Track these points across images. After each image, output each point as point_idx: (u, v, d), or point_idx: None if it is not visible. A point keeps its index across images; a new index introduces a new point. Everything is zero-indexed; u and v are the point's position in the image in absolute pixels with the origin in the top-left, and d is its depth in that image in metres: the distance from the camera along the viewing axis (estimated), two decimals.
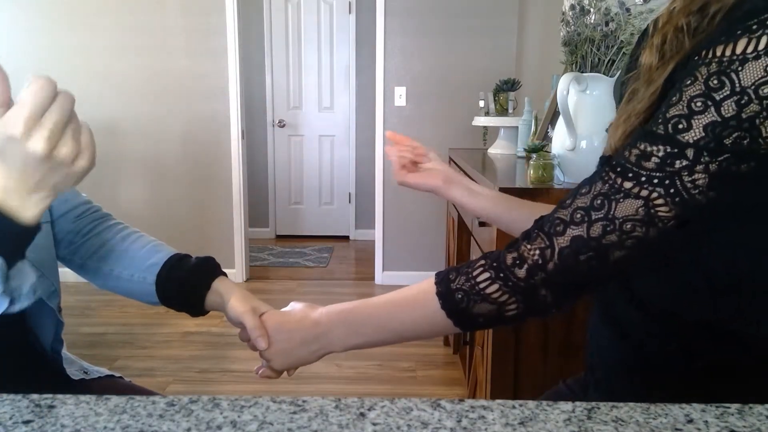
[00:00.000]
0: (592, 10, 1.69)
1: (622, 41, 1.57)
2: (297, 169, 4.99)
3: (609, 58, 1.61)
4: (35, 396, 0.52)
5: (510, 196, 0.94)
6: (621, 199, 0.57)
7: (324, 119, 4.93)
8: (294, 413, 0.49)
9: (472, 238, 1.91)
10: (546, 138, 2.02)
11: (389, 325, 0.70)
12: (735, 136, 0.53)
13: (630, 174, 0.57)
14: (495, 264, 0.61)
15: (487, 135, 3.30)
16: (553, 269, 0.59)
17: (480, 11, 3.50)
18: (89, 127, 0.56)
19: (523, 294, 0.61)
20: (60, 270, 0.89)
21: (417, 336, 0.70)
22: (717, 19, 0.58)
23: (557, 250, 0.59)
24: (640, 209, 0.56)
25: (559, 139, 1.49)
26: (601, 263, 0.58)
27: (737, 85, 0.52)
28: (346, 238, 5.05)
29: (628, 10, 1.61)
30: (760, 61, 0.51)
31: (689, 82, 0.55)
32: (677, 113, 0.55)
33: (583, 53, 1.73)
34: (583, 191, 0.60)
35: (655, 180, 0.55)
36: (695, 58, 0.56)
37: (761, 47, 0.51)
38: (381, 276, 3.74)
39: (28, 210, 0.55)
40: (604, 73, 1.57)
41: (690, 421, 0.48)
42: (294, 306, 0.77)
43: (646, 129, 0.58)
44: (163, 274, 0.87)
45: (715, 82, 0.53)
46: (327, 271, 4.08)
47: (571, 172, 1.39)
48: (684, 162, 0.54)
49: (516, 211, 0.91)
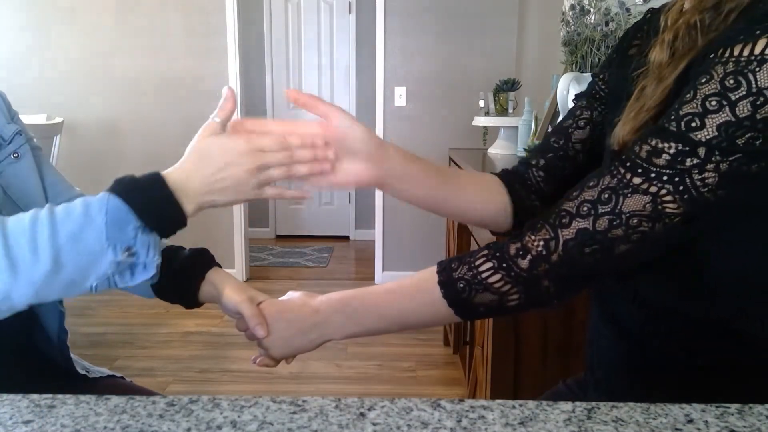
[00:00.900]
0: (592, 10, 1.69)
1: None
2: None
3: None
4: (35, 396, 0.52)
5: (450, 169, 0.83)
6: (629, 194, 0.57)
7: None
8: (294, 413, 0.49)
9: (472, 237, 1.91)
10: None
11: (390, 314, 0.69)
12: (748, 136, 0.53)
13: (639, 170, 0.56)
14: (498, 254, 0.61)
15: (487, 135, 3.30)
16: (557, 261, 0.59)
17: (480, 11, 3.50)
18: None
19: (526, 285, 0.60)
20: None
21: (418, 325, 0.70)
22: (731, 18, 0.58)
23: (562, 242, 0.59)
24: (647, 205, 0.56)
25: None
26: (606, 256, 0.58)
27: (754, 86, 0.52)
28: (346, 238, 5.04)
29: (628, 10, 1.61)
30: None
31: (704, 80, 0.55)
32: (691, 111, 0.55)
33: (583, 53, 1.72)
34: (591, 184, 0.59)
35: (665, 177, 0.55)
36: (711, 55, 0.55)
37: None
38: (381, 276, 3.74)
39: (191, 205, 0.64)
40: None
41: (690, 421, 0.48)
42: (292, 295, 0.77)
43: (658, 125, 0.57)
44: None
45: (732, 81, 0.53)
46: (327, 271, 4.07)
47: None
48: (695, 160, 0.54)
49: (462, 193, 0.80)
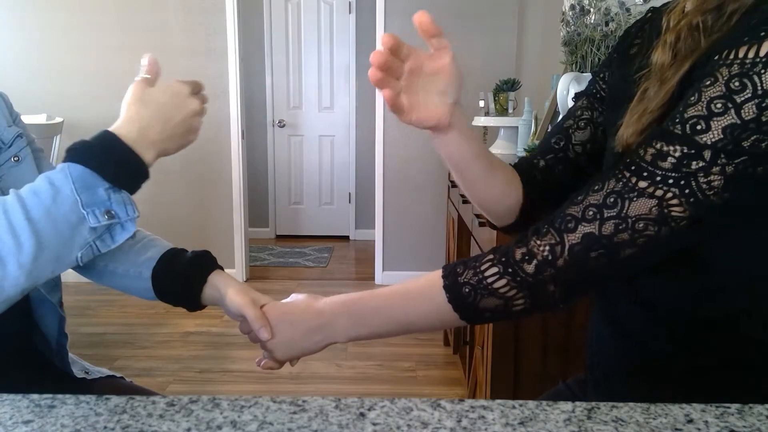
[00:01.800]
0: (592, 10, 1.69)
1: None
2: (297, 169, 5.00)
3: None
4: (35, 396, 0.52)
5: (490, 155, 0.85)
6: (634, 198, 0.56)
7: (324, 119, 4.93)
8: (294, 413, 0.49)
9: (472, 238, 1.91)
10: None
11: (395, 317, 0.69)
12: (753, 138, 0.52)
13: (645, 173, 0.56)
14: (503, 259, 0.61)
15: (487, 135, 3.30)
16: (563, 265, 0.59)
17: (480, 11, 3.50)
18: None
19: (531, 290, 0.60)
20: None
21: (423, 328, 0.69)
22: (734, 19, 0.58)
23: (567, 246, 0.58)
24: (653, 209, 0.56)
25: None
26: (612, 261, 0.58)
27: (759, 88, 0.52)
28: (346, 238, 5.05)
29: (628, 10, 1.61)
30: None
31: (709, 82, 0.55)
32: (696, 114, 0.55)
33: (583, 53, 1.72)
34: (596, 188, 0.59)
35: (671, 180, 0.55)
36: (715, 57, 0.55)
37: None
38: (381, 276, 3.74)
39: (150, 155, 0.67)
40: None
41: (690, 421, 0.48)
42: (296, 297, 0.76)
43: (662, 128, 0.57)
44: (159, 268, 0.86)
45: (737, 84, 0.53)
46: (327, 271, 4.07)
47: None
48: (700, 163, 0.54)
49: (491, 177, 0.82)
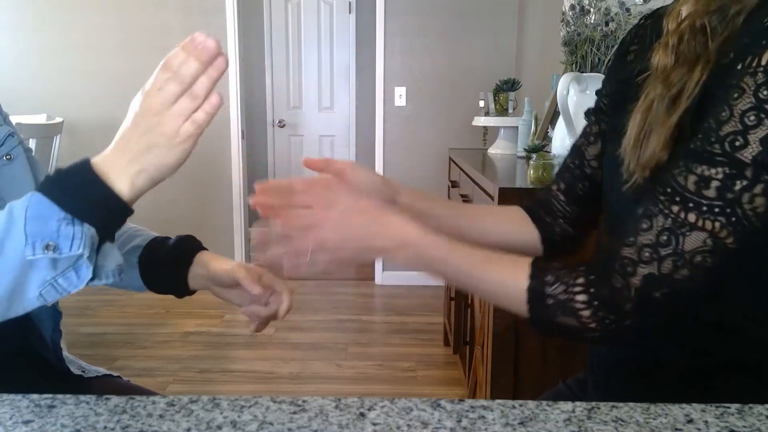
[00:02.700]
0: (592, 10, 1.69)
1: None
2: (297, 169, 4.99)
3: (609, 58, 1.62)
4: (35, 396, 0.52)
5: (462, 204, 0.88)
6: (687, 233, 0.56)
7: (324, 119, 4.92)
8: (294, 413, 0.49)
9: None
10: (546, 138, 2.02)
11: (462, 280, 0.67)
12: None
13: (691, 204, 0.56)
14: (593, 290, 0.59)
15: (487, 135, 3.30)
16: (632, 309, 0.58)
17: (480, 11, 3.50)
18: (211, 114, 0.57)
19: (609, 327, 0.59)
20: None
21: (484, 297, 0.69)
22: (740, 20, 0.57)
23: (633, 290, 0.57)
24: (707, 240, 0.55)
25: (559, 139, 1.50)
26: (676, 298, 0.57)
27: None
28: None
29: (628, 10, 1.61)
30: None
31: (737, 95, 0.54)
32: (731, 130, 0.54)
33: (583, 53, 1.73)
34: (644, 227, 0.58)
35: (716, 209, 0.54)
36: (738, 66, 0.55)
37: None
38: (381, 276, 3.74)
39: (124, 184, 0.56)
40: (604, 73, 1.57)
41: (690, 421, 0.48)
42: (372, 183, 0.72)
43: (699, 149, 0.56)
44: (145, 256, 0.85)
45: (766, 93, 0.52)
46: (326, 271, 4.06)
47: None
48: (744, 182, 0.53)
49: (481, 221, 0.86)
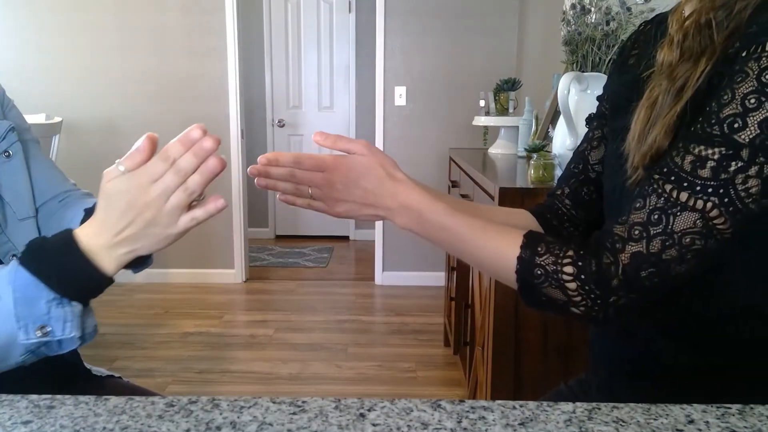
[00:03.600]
0: (592, 9, 1.68)
1: (623, 41, 1.57)
2: None
3: (610, 57, 1.61)
4: (34, 396, 0.51)
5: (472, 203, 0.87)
6: (678, 213, 0.56)
7: (324, 119, 4.92)
8: (294, 414, 0.48)
9: None
10: (547, 138, 2.02)
11: (457, 247, 0.67)
12: None
13: (685, 183, 0.56)
14: (580, 263, 0.59)
15: (488, 135, 3.30)
16: (618, 286, 0.58)
17: (480, 11, 3.50)
18: (207, 212, 0.59)
19: (593, 303, 0.59)
20: None
21: (477, 267, 0.69)
22: (746, 15, 0.57)
23: (621, 267, 0.58)
24: (697, 221, 0.55)
25: (560, 139, 1.49)
26: (663, 278, 0.57)
27: None
28: (345, 238, 5.04)
29: (629, 9, 1.61)
30: None
31: (740, 79, 0.54)
32: (731, 112, 0.54)
33: (584, 52, 1.72)
34: (637, 206, 0.59)
35: (710, 189, 0.55)
36: (743, 54, 0.55)
37: None
38: (381, 276, 3.74)
39: (110, 263, 0.57)
40: (604, 73, 1.57)
41: (691, 422, 0.48)
42: (369, 158, 0.68)
43: (698, 131, 0.56)
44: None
45: None
46: (327, 272, 4.07)
47: None
48: (739, 164, 0.54)
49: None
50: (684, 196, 0.56)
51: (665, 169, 0.58)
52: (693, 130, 0.57)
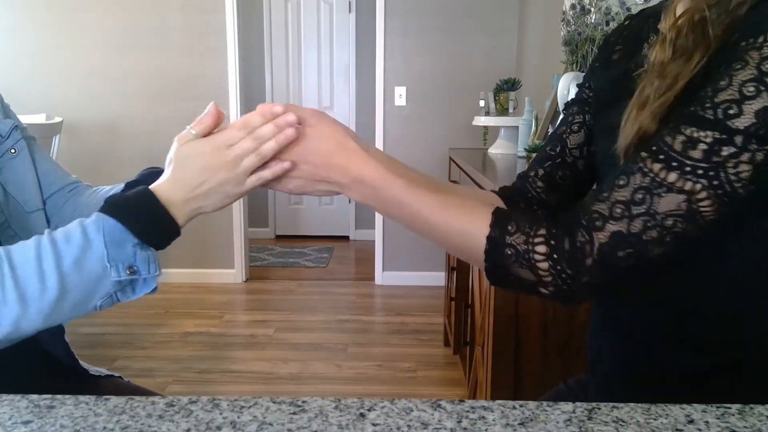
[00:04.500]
0: (592, 9, 1.68)
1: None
2: None
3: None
4: (34, 396, 0.52)
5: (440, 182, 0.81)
6: (663, 194, 0.55)
7: None
8: (294, 414, 0.49)
9: None
10: (546, 138, 2.02)
11: (417, 224, 0.65)
12: None
13: (674, 163, 0.55)
14: (553, 242, 0.58)
15: (488, 135, 3.30)
16: (591, 264, 0.56)
17: (480, 11, 3.50)
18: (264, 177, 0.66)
19: (563, 282, 0.58)
20: None
21: (438, 245, 0.66)
22: (742, 11, 0.57)
23: (597, 246, 0.56)
24: (682, 204, 0.54)
25: None
26: (639, 259, 0.56)
27: None
28: (346, 238, 5.04)
29: (628, 9, 1.61)
30: None
31: (739, 66, 0.54)
32: (728, 98, 0.53)
33: (584, 53, 1.72)
34: (621, 183, 0.57)
35: (700, 171, 0.53)
36: (743, 43, 0.54)
37: None
38: (381, 276, 3.74)
39: (182, 216, 0.65)
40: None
41: (691, 422, 0.48)
42: (326, 124, 0.66)
43: (691, 113, 0.55)
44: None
45: None
46: (327, 272, 4.07)
47: None
48: (731, 149, 0.53)
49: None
50: (673, 176, 0.55)
51: (654, 148, 0.56)
52: (686, 111, 0.56)
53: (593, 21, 1.72)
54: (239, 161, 0.64)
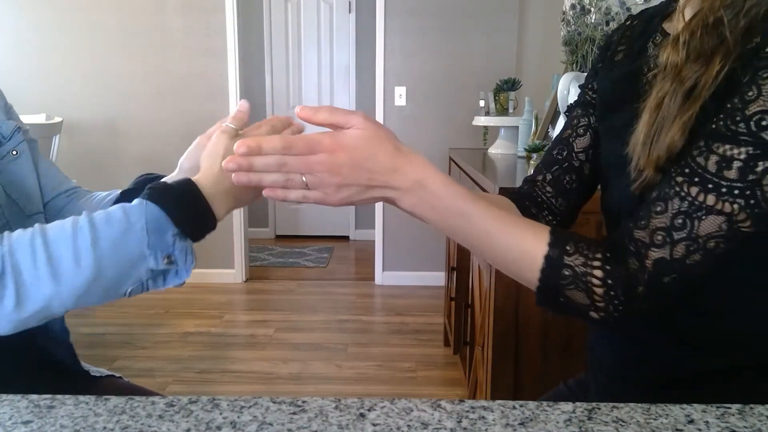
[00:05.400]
0: (592, 9, 1.69)
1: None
2: None
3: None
4: (34, 396, 0.52)
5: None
6: (703, 217, 0.54)
7: None
8: (294, 414, 0.49)
9: None
10: (546, 138, 2.02)
11: (472, 239, 0.61)
12: None
13: (710, 185, 0.54)
14: (608, 267, 0.57)
15: (488, 135, 3.30)
16: (642, 292, 0.56)
17: (480, 11, 3.50)
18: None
19: (615, 309, 0.57)
20: None
21: (490, 261, 0.63)
22: (759, 11, 0.56)
23: (646, 274, 0.56)
24: (723, 225, 0.54)
25: None
26: (686, 283, 0.56)
27: None
28: (345, 238, 5.04)
29: (628, 9, 1.61)
30: None
31: (766, 75, 0.53)
32: (759, 109, 0.53)
33: (584, 53, 1.72)
34: (659, 209, 0.56)
35: (736, 191, 0.53)
36: (766, 49, 0.54)
37: None
38: (381, 276, 3.74)
39: (222, 210, 0.68)
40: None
41: (691, 422, 0.48)
42: (370, 132, 0.59)
43: (722, 129, 0.55)
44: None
45: None
46: (327, 272, 4.07)
47: None
48: (767, 163, 0.52)
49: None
50: (711, 199, 0.54)
51: (687, 170, 0.56)
52: (715, 128, 0.55)
53: (593, 21, 1.72)
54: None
